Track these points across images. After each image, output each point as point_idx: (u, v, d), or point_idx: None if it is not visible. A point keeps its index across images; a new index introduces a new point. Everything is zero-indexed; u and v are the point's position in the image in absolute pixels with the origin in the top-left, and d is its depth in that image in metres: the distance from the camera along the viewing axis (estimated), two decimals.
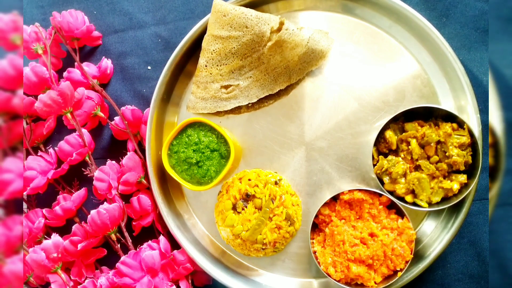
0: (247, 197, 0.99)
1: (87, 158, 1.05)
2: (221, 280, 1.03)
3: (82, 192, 1.05)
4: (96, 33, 1.14)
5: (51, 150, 1.07)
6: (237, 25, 0.99)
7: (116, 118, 1.09)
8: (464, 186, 0.94)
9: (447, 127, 0.94)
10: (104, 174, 1.03)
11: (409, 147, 0.95)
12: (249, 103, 1.05)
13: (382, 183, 0.97)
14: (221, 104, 1.05)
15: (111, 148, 1.14)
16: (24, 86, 1.01)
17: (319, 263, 0.97)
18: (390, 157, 0.96)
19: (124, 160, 1.04)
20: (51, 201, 1.08)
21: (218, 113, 1.07)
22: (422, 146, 0.95)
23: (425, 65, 1.03)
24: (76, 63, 1.10)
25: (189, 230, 1.07)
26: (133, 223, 1.07)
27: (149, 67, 1.14)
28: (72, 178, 1.11)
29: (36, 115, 1.10)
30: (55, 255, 0.98)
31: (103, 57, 1.14)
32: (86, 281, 1.01)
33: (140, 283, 0.98)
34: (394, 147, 0.96)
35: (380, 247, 0.94)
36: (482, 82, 1.05)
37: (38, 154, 1.08)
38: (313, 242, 1.00)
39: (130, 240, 1.04)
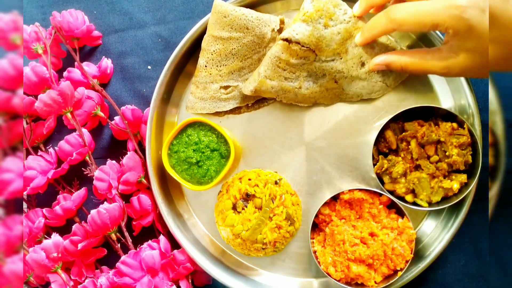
0: (247, 197, 0.99)
1: (87, 157, 1.05)
2: (221, 280, 1.03)
3: (82, 191, 1.05)
4: (96, 33, 1.14)
5: (51, 150, 1.07)
6: (237, 26, 0.99)
7: (116, 118, 1.09)
8: (464, 186, 0.95)
9: (447, 126, 0.94)
10: (104, 174, 1.03)
11: (409, 146, 0.95)
12: (248, 103, 1.05)
13: (382, 182, 0.97)
14: (220, 105, 1.05)
15: (111, 148, 1.14)
16: (24, 86, 1.01)
17: (319, 262, 0.97)
18: (390, 156, 0.97)
19: (124, 160, 1.04)
20: (51, 201, 1.08)
21: (218, 113, 1.07)
22: (422, 145, 0.95)
23: None
24: (76, 63, 1.10)
25: (189, 230, 1.07)
26: (133, 223, 1.07)
27: (149, 67, 1.14)
28: (72, 178, 1.11)
29: (36, 114, 1.10)
30: (55, 254, 0.98)
31: (103, 57, 1.14)
32: (86, 281, 1.01)
33: (140, 283, 0.98)
34: (394, 147, 0.96)
35: (380, 246, 0.94)
36: (482, 81, 1.05)
37: (38, 154, 1.08)
38: (313, 242, 1.00)
39: (130, 240, 1.04)
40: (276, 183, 1.00)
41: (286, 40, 0.94)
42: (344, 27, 0.95)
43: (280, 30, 1.02)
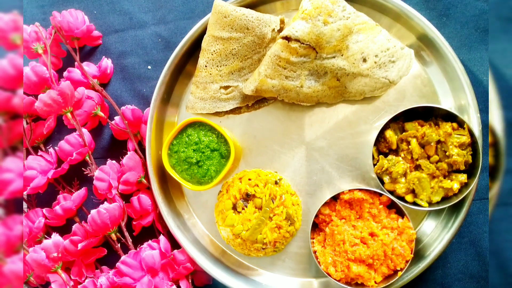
0: (247, 197, 0.99)
1: (87, 157, 1.05)
2: (221, 279, 1.03)
3: (82, 191, 1.05)
4: (96, 33, 1.14)
5: (51, 150, 1.07)
6: (238, 26, 0.99)
7: (116, 118, 1.09)
8: (464, 186, 0.95)
9: (447, 126, 0.94)
10: (104, 174, 1.03)
11: (409, 146, 0.95)
12: (248, 103, 1.05)
13: (382, 182, 0.97)
14: (220, 105, 1.05)
15: (111, 147, 1.14)
16: (24, 86, 1.01)
17: (319, 262, 0.97)
18: (390, 156, 0.96)
19: (124, 160, 1.04)
20: (51, 200, 1.08)
21: (218, 113, 1.07)
22: (422, 145, 0.95)
23: (425, 65, 1.03)
24: (76, 63, 1.10)
25: (189, 230, 1.07)
26: (133, 222, 1.07)
27: (149, 67, 1.14)
28: (72, 178, 1.11)
29: (36, 114, 1.10)
30: (55, 254, 0.98)
31: (103, 56, 1.14)
32: (86, 280, 1.01)
33: (140, 283, 0.98)
34: (394, 147, 0.96)
35: (380, 246, 0.94)
36: (482, 81, 1.05)
37: (38, 153, 1.08)
38: (313, 242, 1.00)
39: (130, 240, 1.04)
40: (276, 183, 1.00)
41: (285, 38, 0.94)
42: (343, 24, 0.95)
43: (280, 30, 1.02)
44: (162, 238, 1.04)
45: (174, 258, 1.03)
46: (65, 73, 1.09)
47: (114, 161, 1.06)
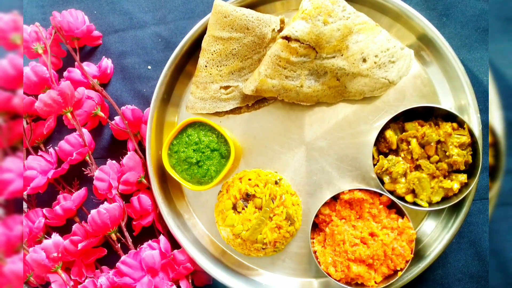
0: (247, 197, 0.99)
1: (87, 157, 1.05)
2: (221, 279, 1.03)
3: (82, 191, 1.05)
4: (96, 33, 1.14)
5: (51, 150, 1.07)
6: (238, 26, 0.99)
7: (116, 118, 1.09)
8: (464, 186, 0.95)
9: (447, 126, 0.94)
10: (104, 174, 1.03)
11: (409, 146, 0.95)
12: (248, 103, 1.05)
13: (382, 182, 0.97)
14: (220, 105, 1.05)
15: (111, 147, 1.14)
16: (24, 86, 1.01)
17: (319, 262, 0.97)
18: (390, 156, 0.96)
19: (125, 160, 1.04)
20: (51, 200, 1.08)
21: (218, 113, 1.07)
22: (422, 145, 0.95)
23: (425, 65, 1.03)
24: (76, 63, 1.10)
25: (189, 230, 1.07)
26: (133, 222, 1.07)
27: (149, 67, 1.14)
28: (72, 178, 1.11)
29: (36, 114, 1.10)
30: (55, 254, 0.99)
31: (103, 56, 1.14)
32: (86, 280, 1.01)
33: (140, 283, 0.98)
34: (394, 147, 0.96)
35: (380, 246, 0.94)
36: (482, 81, 1.05)
37: (38, 153, 1.08)
38: (313, 242, 1.00)
39: (130, 240, 1.04)
40: (276, 183, 1.00)
41: (285, 38, 0.94)
42: (343, 24, 0.95)
43: (280, 30, 1.02)
44: (162, 238, 1.04)
45: (174, 258, 1.03)
46: (65, 73, 1.09)
47: (114, 161, 1.06)
